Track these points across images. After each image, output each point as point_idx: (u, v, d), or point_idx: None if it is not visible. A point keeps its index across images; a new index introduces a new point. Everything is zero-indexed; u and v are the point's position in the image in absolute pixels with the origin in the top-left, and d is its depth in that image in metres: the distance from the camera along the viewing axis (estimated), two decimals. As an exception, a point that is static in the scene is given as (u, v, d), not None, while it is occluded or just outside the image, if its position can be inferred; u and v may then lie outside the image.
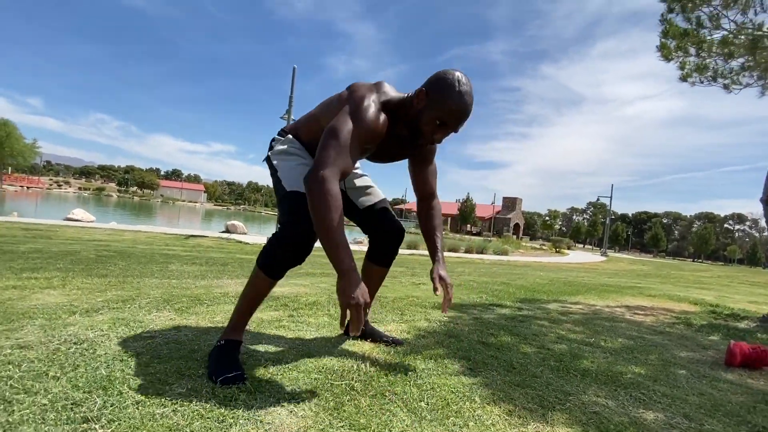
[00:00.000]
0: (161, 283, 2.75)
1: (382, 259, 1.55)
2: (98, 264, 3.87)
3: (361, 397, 1.11)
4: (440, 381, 1.29)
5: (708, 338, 2.34)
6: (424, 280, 4.52)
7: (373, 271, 1.57)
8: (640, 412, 1.21)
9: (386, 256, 1.54)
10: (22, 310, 1.67)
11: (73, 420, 0.85)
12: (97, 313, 1.70)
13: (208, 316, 1.81)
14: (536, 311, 2.76)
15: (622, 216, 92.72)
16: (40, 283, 2.37)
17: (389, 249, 1.53)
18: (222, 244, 9.31)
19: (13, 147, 37.06)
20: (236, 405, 0.98)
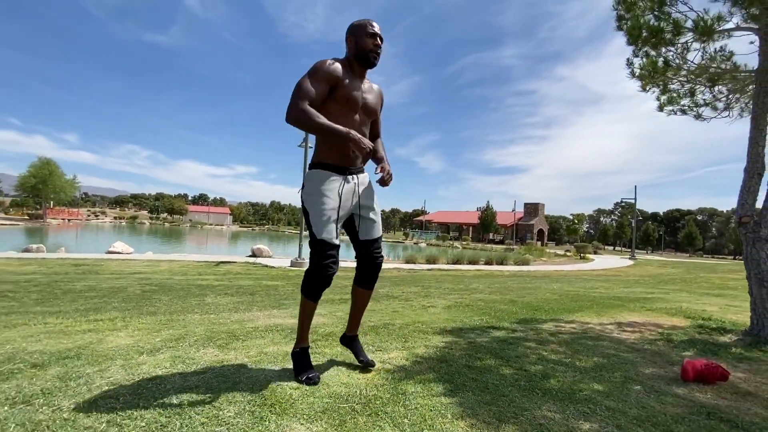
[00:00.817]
0: (202, 320, 3.22)
1: (366, 284, 2.02)
2: (145, 300, 4.43)
3: (359, 416, 1.50)
4: (423, 401, 1.66)
5: (681, 354, 2.59)
6: (434, 302, 4.86)
7: (359, 292, 2.05)
8: (579, 424, 1.54)
9: (370, 282, 2.02)
10: (103, 352, 2.15)
11: (163, 436, 1.28)
12: (159, 353, 2.17)
13: (244, 351, 2.25)
14: (529, 332, 3.07)
15: (653, 215, 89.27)
16: (107, 325, 2.88)
17: (372, 277, 2.01)
18: (249, 269, 9.90)
19: (55, 184, 39.81)
20: (269, 423, 1.39)
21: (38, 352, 2.12)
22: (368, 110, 1.93)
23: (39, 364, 1.93)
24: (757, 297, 2.89)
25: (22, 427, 1.31)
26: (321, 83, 1.76)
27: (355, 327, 2.14)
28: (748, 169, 2.99)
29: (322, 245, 1.76)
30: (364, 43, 1.84)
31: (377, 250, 1.97)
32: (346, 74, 1.83)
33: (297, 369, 1.83)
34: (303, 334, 1.91)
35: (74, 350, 2.17)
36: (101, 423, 1.34)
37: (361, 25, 1.86)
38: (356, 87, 1.86)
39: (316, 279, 1.79)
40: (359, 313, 2.12)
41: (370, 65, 1.88)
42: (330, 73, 1.78)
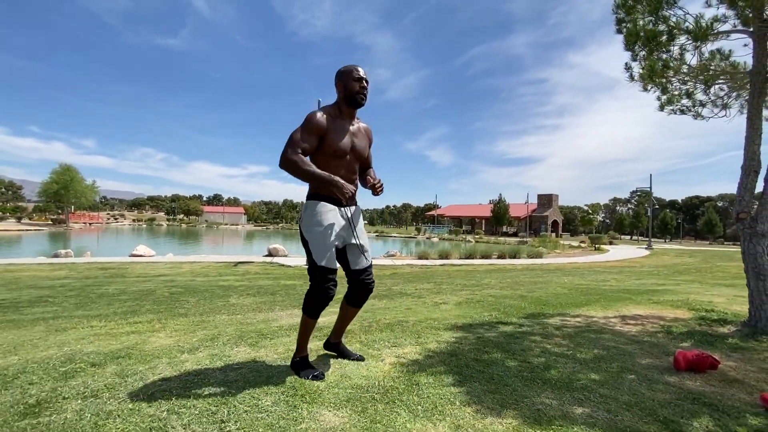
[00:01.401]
0: (231, 320, 3.50)
1: (356, 303, 2.22)
2: (174, 303, 4.74)
3: (378, 403, 1.72)
4: (435, 391, 1.87)
5: (679, 345, 2.75)
6: (446, 298, 5.07)
7: (349, 310, 2.26)
8: (572, 409, 1.74)
9: (361, 303, 2.22)
10: (149, 351, 2.43)
11: (216, 421, 1.52)
12: (198, 351, 2.43)
13: (273, 349, 2.49)
14: (535, 327, 3.25)
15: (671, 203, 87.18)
16: (146, 327, 3.18)
17: (363, 299, 2.20)
18: (267, 269, 10.23)
19: (76, 189, 41.13)
20: (301, 410, 1.63)
21: (93, 353, 2.40)
22: (357, 154, 2.13)
23: (97, 363, 2.21)
24: (754, 289, 3.02)
25: (96, 416, 1.57)
26: (311, 135, 1.97)
27: (340, 335, 2.38)
28: (744, 167, 3.10)
29: (323, 271, 1.96)
30: (352, 87, 2.05)
31: (368, 277, 2.15)
32: (334, 123, 2.03)
33: (302, 373, 2.00)
34: (303, 345, 2.10)
35: (124, 350, 2.45)
36: (162, 411, 1.60)
37: (348, 71, 2.07)
38: (344, 135, 2.05)
39: (317, 300, 1.98)
40: (345, 325, 2.35)
41: (358, 106, 2.10)
42: (319, 126, 1.98)
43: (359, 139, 2.14)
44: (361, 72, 2.07)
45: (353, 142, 2.10)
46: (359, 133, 2.16)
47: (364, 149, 2.18)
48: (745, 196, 3.10)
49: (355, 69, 2.07)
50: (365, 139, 2.20)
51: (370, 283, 2.16)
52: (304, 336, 2.09)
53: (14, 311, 4.22)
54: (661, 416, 1.69)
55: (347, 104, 2.08)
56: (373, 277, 2.19)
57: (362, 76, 2.07)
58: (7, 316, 3.88)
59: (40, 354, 2.40)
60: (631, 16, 3.55)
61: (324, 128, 1.99)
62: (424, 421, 1.58)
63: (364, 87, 2.07)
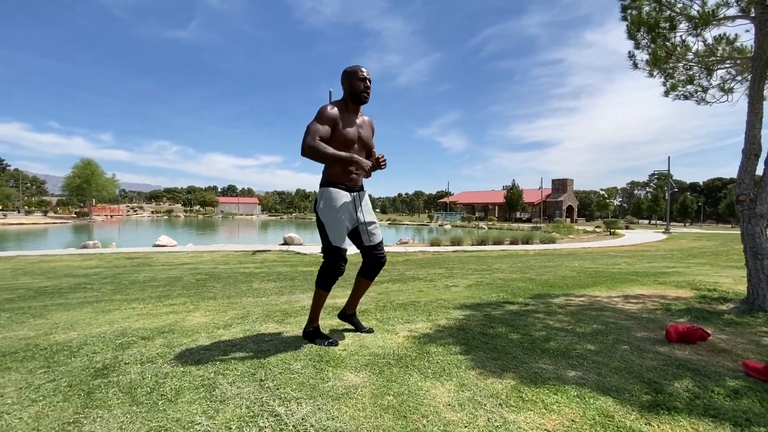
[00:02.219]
0: (257, 302, 3.80)
1: (369, 276, 2.51)
2: (201, 288, 5.08)
3: (393, 367, 1.97)
4: (443, 358, 2.11)
5: (675, 321, 2.92)
6: (457, 282, 5.29)
7: (362, 282, 2.55)
8: (566, 372, 1.95)
9: (373, 275, 2.51)
10: (189, 327, 2.73)
11: (256, 380, 1.79)
12: (231, 327, 2.72)
13: (297, 325, 2.77)
14: (540, 305, 3.46)
15: (692, 185, 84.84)
16: (181, 308, 3.49)
17: (376, 272, 2.49)
18: (284, 257, 10.60)
19: (97, 183, 42.43)
20: (327, 372, 1.88)
21: (141, 329, 2.71)
22: (363, 143, 2.41)
23: (146, 337, 2.51)
24: (752, 269, 3.14)
25: (155, 377, 1.86)
26: (325, 125, 2.23)
27: (354, 307, 2.67)
28: (745, 150, 3.19)
29: (336, 250, 2.26)
30: (357, 86, 2.32)
31: (380, 252, 2.45)
32: (342, 116, 2.29)
33: (317, 341, 2.32)
34: (315, 317, 2.41)
35: (167, 327, 2.75)
36: (210, 372, 1.88)
37: (353, 72, 2.33)
38: (352, 127, 2.32)
39: (330, 275, 2.29)
40: (359, 297, 2.64)
41: (362, 103, 2.39)
42: (330, 116, 2.24)
43: (365, 129, 2.42)
44: (365, 72, 2.34)
45: (359, 132, 2.37)
46: (364, 124, 2.44)
47: (369, 138, 2.47)
48: (745, 178, 3.20)
49: (359, 70, 2.33)
50: (369, 130, 2.49)
51: (381, 257, 2.44)
52: (317, 308, 2.39)
53: (59, 296, 4.61)
54: (646, 378, 1.90)
55: (353, 101, 2.36)
56: (384, 252, 2.47)
57: (366, 76, 2.33)
58: (55, 300, 4.27)
59: (95, 330, 2.72)
60: (636, 2, 3.63)
61: (336, 119, 2.26)
62: (433, 381, 1.82)
63: (368, 86, 2.35)
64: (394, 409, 1.56)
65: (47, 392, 1.72)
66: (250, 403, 1.58)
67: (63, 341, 2.47)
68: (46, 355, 2.21)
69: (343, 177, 2.32)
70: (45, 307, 3.79)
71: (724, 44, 3.66)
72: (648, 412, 1.56)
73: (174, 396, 1.65)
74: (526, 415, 1.53)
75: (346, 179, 2.32)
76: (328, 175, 2.33)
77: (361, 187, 2.44)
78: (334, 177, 2.31)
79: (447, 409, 1.57)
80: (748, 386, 1.82)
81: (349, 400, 1.63)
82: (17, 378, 1.89)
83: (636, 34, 3.38)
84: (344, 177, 2.32)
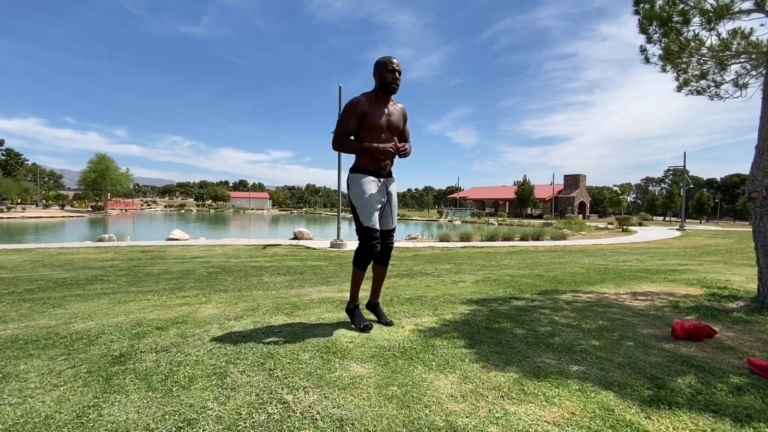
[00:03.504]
0: (267, 295, 3.88)
1: (382, 262, 2.65)
2: (213, 281, 5.19)
3: (399, 359, 2.02)
4: (447, 351, 2.15)
5: (683, 318, 2.91)
6: (464, 277, 5.31)
7: (377, 269, 2.68)
8: (569, 367, 1.98)
9: (385, 261, 2.65)
10: (202, 318, 2.81)
11: (265, 369, 1.86)
12: (242, 319, 2.80)
13: (306, 317, 2.83)
14: (546, 302, 3.47)
15: (709, 182, 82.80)
16: (194, 300, 3.59)
17: (386, 257, 2.63)
18: (294, 251, 10.72)
19: (112, 177, 43.29)
20: (334, 363, 1.94)
21: (156, 319, 2.81)
22: (392, 128, 2.51)
23: (161, 327, 2.60)
24: (764, 266, 3.10)
25: (170, 364, 1.94)
26: (352, 118, 2.40)
27: (377, 296, 2.76)
28: (759, 147, 3.14)
29: (368, 231, 2.40)
30: (386, 78, 2.42)
31: (390, 238, 2.59)
32: (370, 106, 2.41)
33: (353, 321, 2.55)
34: (355, 294, 2.60)
35: (180, 318, 2.84)
36: (221, 361, 1.95)
37: (383, 62, 2.43)
38: (380, 114, 2.43)
39: (365, 255, 2.44)
40: (379, 285, 2.74)
41: (391, 93, 2.47)
42: (357, 109, 2.39)
43: (394, 116, 2.51)
44: (395, 64, 2.42)
45: (389, 120, 2.47)
46: (395, 112, 2.52)
47: (399, 124, 2.54)
48: (758, 175, 3.15)
49: (389, 61, 2.42)
50: (400, 116, 2.56)
51: (390, 243, 2.58)
52: (356, 286, 2.57)
53: (77, 288, 4.77)
54: (649, 374, 1.91)
55: (383, 91, 2.45)
56: (393, 239, 2.60)
57: (395, 68, 2.42)
58: (73, 291, 4.41)
59: (112, 320, 2.83)
60: (649, -4, 3.57)
61: (362, 110, 2.38)
62: (437, 373, 1.87)
63: (397, 78, 2.43)
64: (398, 398, 1.61)
65: (68, 378, 1.81)
66: (260, 391, 1.64)
67: (82, 330, 2.57)
68: (66, 343, 2.31)
69: (372, 164, 2.45)
70: (64, 298, 3.93)
71: (739, 38, 3.59)
72: (649, 407, 1.58)
73: (187, 383, 1.72)
74: (527, 407, 1.56)
75: (374, 166, 2.46)
76: (357, 162, 2.48)
77: (389, 173, 2.56)
78: (363, 164, 2.46)
79: (449, 399, 1.61)
80: (752, 383, 1.83)
81: (355, 389, 1.68)
82: (39, 364, 1.98)
83: (648, 29, 3.33)
84: (373, 164, 2.45)
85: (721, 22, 3.19)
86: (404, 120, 2.59)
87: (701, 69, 3.44)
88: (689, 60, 3.50)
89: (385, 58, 2.44)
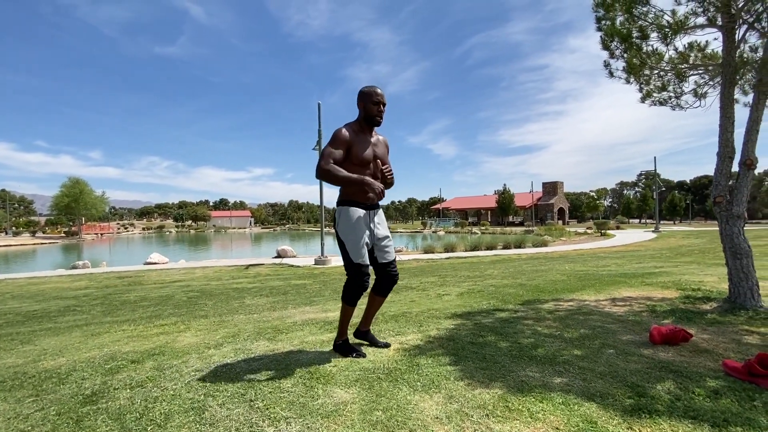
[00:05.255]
0: (249, 319, 3.79)
1: (382, 293, 2.52)
2: (193, 306, 5.05)
3: (383, 382, 1.99)
4: (433, 370, 2.14)
5: (661, 323, 2.98)
6: (449, 290, 5.32)
7: (375, 299, 2.55)
8: (552, 379, 1.99)
9: (386, 292, 2.52)
10: (180, 348, 2.72)
11: (246, 400, 1.80)
12: (222, 347, 2.72)
13: (289, 342, 2.77)
14: (529, 312, 3.50)
15: (680, 183, 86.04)
16: (172, 328, 3.48)
17: (389, 288, 2.50)
18: (277, 270, 10.55)
19: (86, 201, 41.98)
20: (317, 389, 1.90)
21: (131, 352, 2.70)
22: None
23: (136, 360, 2.50)
24: (732, 268, 3.23)
25: (145, 401, 1.86)
26: (339, 147, 2.30)
27: (368, 324, 2.66)
28: (720, 154, 3.30)
29: (358, 267, 2.30)
30: (371, 110, 2.37)
31: (393, 269, 2.47)
32: (356, 136, 2.35)
33: (344, 353, 2.41)
34: (344, 329, 2.48)
35: (157, 349, 2.75)
36: (200, 395, 1.89)
37: (368, 93, 2.37)
38: (366, 146, 2.37)
39: (354, 291, 2.34)
40: (373, 314, 2.64)
41: (376, 125, 2.43)
42: (345, 139, 2.31)
43: (379, 148, 2.47)
44: (380, 95, 2.38)
45: (374, 151, 2.42)
46: (379, 143, 2.48)
47: (384, 157, 2.50)
48: (721, 180, 3.30)
49: (374, 92, 2.37)
50: (384, 149, 2.53)
51: (395, 275, 2.48)
52: (345, 321, 2.46)
53: (48, 320, 4.56)
54: (630, 382, 1.94)
55: (366, 123, 2.41)
56: (397, 269, 2.50)
57: (380, 100, 2.38)
58: (43, 325, 4.22)
59: (84, 355, 2.71)
60: (609, 13, 3.75)
61: (349, 140, 2.32)
62: (422, 394, 1.85)
63: (382, 110, 2.40)
64: (383, 424, 1.58)
65: (36, 422, 1.71)
66: (240, 425, 1.59)
67: (52, 368, 2.45)
68: (35, 383, 2.20)
69: (360, 196, 2.35)
70: (33, 333, 3.75)
71: (696, 51, 3.79)
72: (630, 416, 1.60)
73: (163, 421, 1.65)
74: (512, 424, 1.56)
75: (362, 198, 2.36)
76: (345, 194, 2.39)
77: (376, 205, 2.48)
78: (351, 196, 2.36)
79: (435, 422, 1.59)
80: (728, 386, 1.87)
81: (338, 417, 1.64)
82: (5, 408, 1.88)
83: (610, 45, 3.49)
84: (360, 196, 2.35)
85: (677, 36, 3.37)
86: (387, 151, 2.56)
87: (662, 81, 3.62)
88: (651, 73, 3.67)
89: (370, 89, 2.38)
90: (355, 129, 2.37)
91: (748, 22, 3.25)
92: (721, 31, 3.26)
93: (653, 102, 3.75)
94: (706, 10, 3.09)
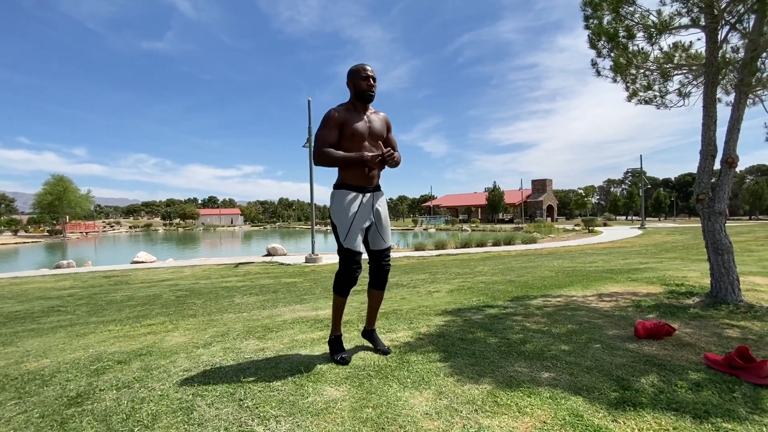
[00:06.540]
0: (238, 318, 3.76)
1: (378, 286, 2.44)
2: (181, 305, 4.99)
3: (373, 379, 2.00)
4: (422, 366, 2.15)
5: (646, 317, 3.04)
6: (439, 287, 5.35)
7: (372, 293, 2.48)
8: (540, 374, 2.02)
9: (381, 284, 2.44)
10: (168, 348, 2.69)
11: (235, 400, 1.79)
12: (211, 346, 2.69)
13: (279, 340, 2.76)
14: (518, 308, 3.54)
15: (665, 181, 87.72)
16: (160, 328, 3.43)
17: (382, 280, 2.43)
18: (267, 269, 10.48)
19: (70, 199, 41.08)
20: (307, 388, 1.90)
21: (117, 352, 2.66)
22: (375, 136, 2.33)
23: (122, 360, 2.47)
24: (714, 264, 3.31)
25: (131, 402, 1.84)
26: (332, 129, 2.23)
27: (372, 322, 2.57)
28: (702, 152, 3.37)
29: (349, 253, 2.21)
30: (360, 86, 2.29)
31: (386, 259, 2.39)
32: (349, 115, 2.27)
33: (332, 351, 2.33)
34: (336, 324, 2.37)
35: (144, 349, 2.71)
36: (188, 395, 1.87)
37: (356, 70, 2.30)
38: (360, 121, 2.28)
39: (344, 280, 2.24)
40: (375, 311, 2.53)
41: (368, 101, 2.33)
42: (335, 119, 2.23)
43: (376, 124, 2.34)
44: (368, 71, 2.30)
45: (370, 127, 2.30)
46: (376, 119, 2.36)
47: (382, 132, 2.37)
48: (704, 178, 3.37)
49: (362, 68, 2.30)
50: (382, 124, 2.39)
51: (386, 264, 2.39)
52: (337, 315, 2.36)
53: (31, 321, 4.46)
54: (615, 376, 1.98)
55: (359, 100, 2.32)
56: (390, 259, 2.41)
57: (369, 74, 2.30)
58: (27, 326, 4.12)
59: (68, 356, 2.66)
60: (597, 12, 3.79)
61: (341, 119, 2.24)
62: (412, 390, 1.86)
63: (372, 85, 2.30)
64: (373, 421, 1.58)
65: (18, 425, 1.68)
66: (229, 425, 1.58)
67: (35, 369, 2.40)
68: (17, 386, 2.15)
69: (359, 178, 2.27)
70: (16, 334, 3.67)
71: (680, 51, 3.86)
72: (615, 410, 1.63)
73: (150, 421, 1.64)
74: (501, 419, 1.58)
75: (361, 180, 2.27)
76: (341, 178, 2.30)
77: (376, 187, 2.37)
78: (347, 179, 2.28)
79: (424, 418, 1.60)
80: (709, 378, 1.92)
81: (328, 415, 1.64)
82: (-14, 412, 1.83)
83: (597, 44, 3.53)
84: (360, 178, 2.27)
85: (662, 36, 3.42)
86: (387, 128, 2.44)
87: (648, 80, 3.68)
88: (636, 72, 3.73)
89: (357, 66, 2.31)
90: (347, 108, 2.30)
91: (730, 23, 3.32)
92: (704, 31, 3.33)
93: (639, 101, 3.81)
94: (690, 11, 3.15)
